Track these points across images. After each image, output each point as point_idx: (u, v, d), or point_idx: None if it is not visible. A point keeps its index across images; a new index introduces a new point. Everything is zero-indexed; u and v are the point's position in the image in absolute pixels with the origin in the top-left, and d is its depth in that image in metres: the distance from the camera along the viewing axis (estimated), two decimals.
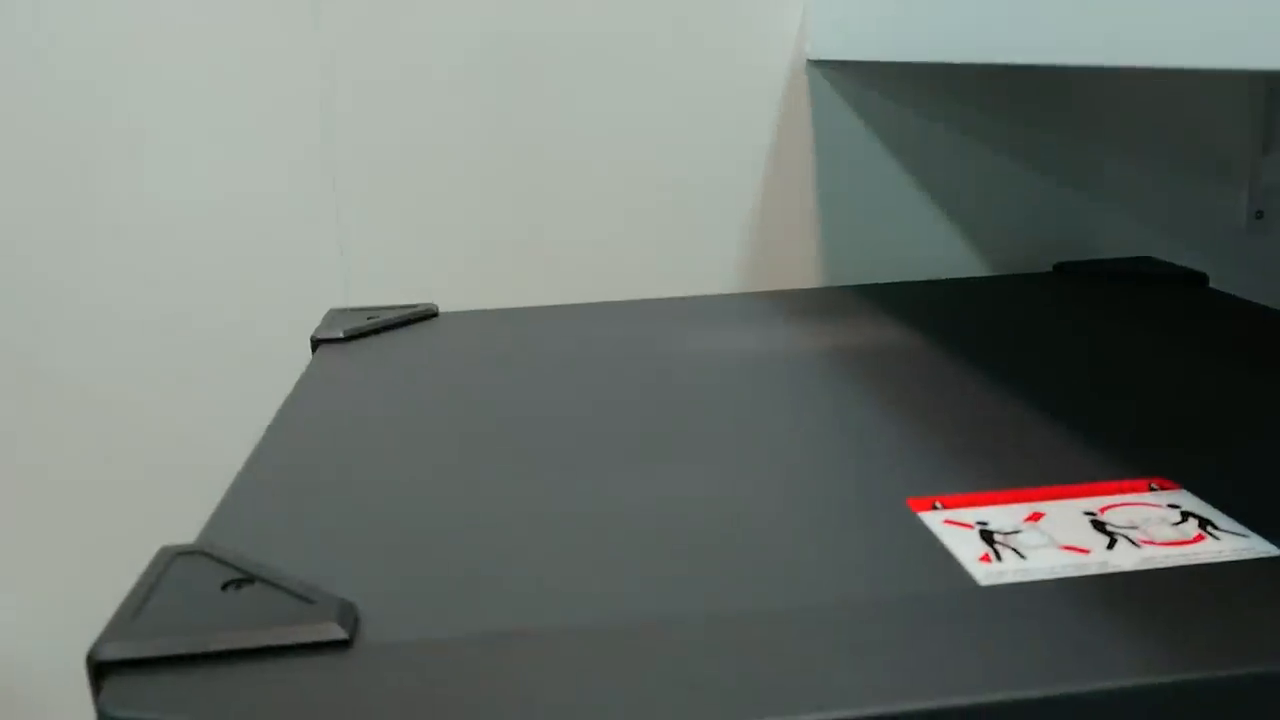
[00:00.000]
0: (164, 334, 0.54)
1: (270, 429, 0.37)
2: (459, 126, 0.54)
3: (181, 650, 0.23)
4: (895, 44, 0.44)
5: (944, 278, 0.58)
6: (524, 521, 0.29)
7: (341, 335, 0.48)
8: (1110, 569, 0.25)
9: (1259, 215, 0.62)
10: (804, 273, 0.59)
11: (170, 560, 0.26)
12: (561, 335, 0.48)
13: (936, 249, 0.59)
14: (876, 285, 0.55)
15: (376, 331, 0.49)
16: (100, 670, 0.22)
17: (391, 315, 0.51)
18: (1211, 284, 0.54)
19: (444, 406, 0.39)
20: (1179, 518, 0.27)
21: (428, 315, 0.52)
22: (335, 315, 0.51)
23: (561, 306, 0.53)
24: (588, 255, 0.57)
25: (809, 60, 0.56)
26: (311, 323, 0.55)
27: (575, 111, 0.55)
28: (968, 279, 0.57)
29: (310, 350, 0.50)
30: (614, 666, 0.22)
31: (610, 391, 0.40)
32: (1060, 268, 0.57)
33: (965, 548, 0.26)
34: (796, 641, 0.23)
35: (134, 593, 0.25)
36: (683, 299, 0.54)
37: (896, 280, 0.58)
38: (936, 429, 0.34)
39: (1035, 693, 0.21)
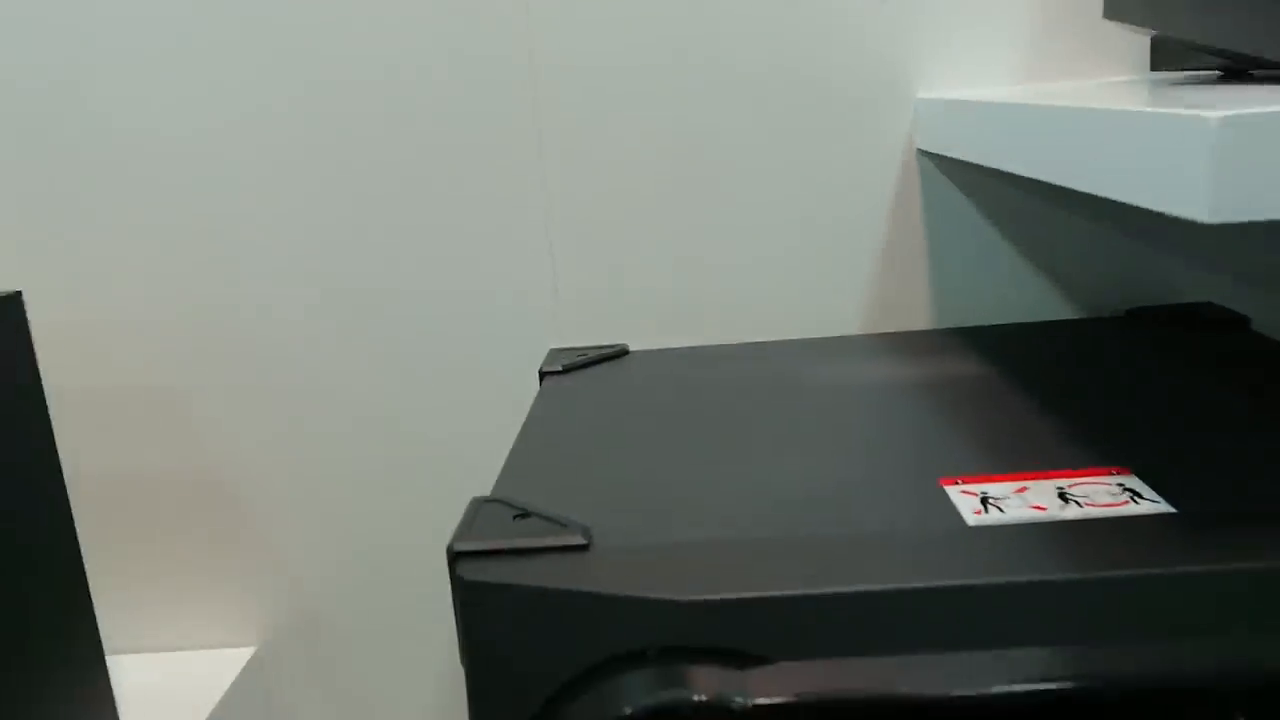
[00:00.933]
0: (419, 370, 0.74)
1: (526, 426, 0.55)
2: (648, 198, 0.72)
3: (498, 547, 0.40)
4: (977, 152, 0.58)
5: (1032, 320, 0.71)
6: (709, 484, 0.45)
7: (560, 369, 0.66)
8: (1058, 519, 0.39)
9: None
10: (916, 317, 0.73)
11: (480, 504, 0.44)
12: (726, 366, 0.64)
13: (1028, 296, 0.72)
14: (975, 327, 0.69)
15: (586, 366, 0.67)
16: (456, 557, 0.40)
17: (595, 353, 0.69)
18: (1266, 325, 0.65)
19: (648, 418, 0.56)
20: (1119, 491, 0.41)
21: (622, 353, 0.69)
22: (554, 354, 0.70)
23: (724, 346, 0.69)
24: (737, 304, 0.73)
25: (918, 149, 0.71)
26: (521, 357, 0.74)
27: (733, 188, 0.72)
28: (1051, 321, 0.70)
29: (538, 380, 0.68)
30: (765, 563, 0.38)
31: (764, 406, 0.56)
32: (1131, 312, 0.69)
33: (967, 506, 0.41)
34: (856, 551, 0.38)
35: (466, 518, 0.42)
36: (815, 339, 0.69)
37: (992, 322, 0.71)
38: (980, 434, 0.49)
39: (996, 580, 0.36)
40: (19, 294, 0.63)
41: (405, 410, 0.75)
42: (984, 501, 0.41)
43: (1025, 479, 0.43)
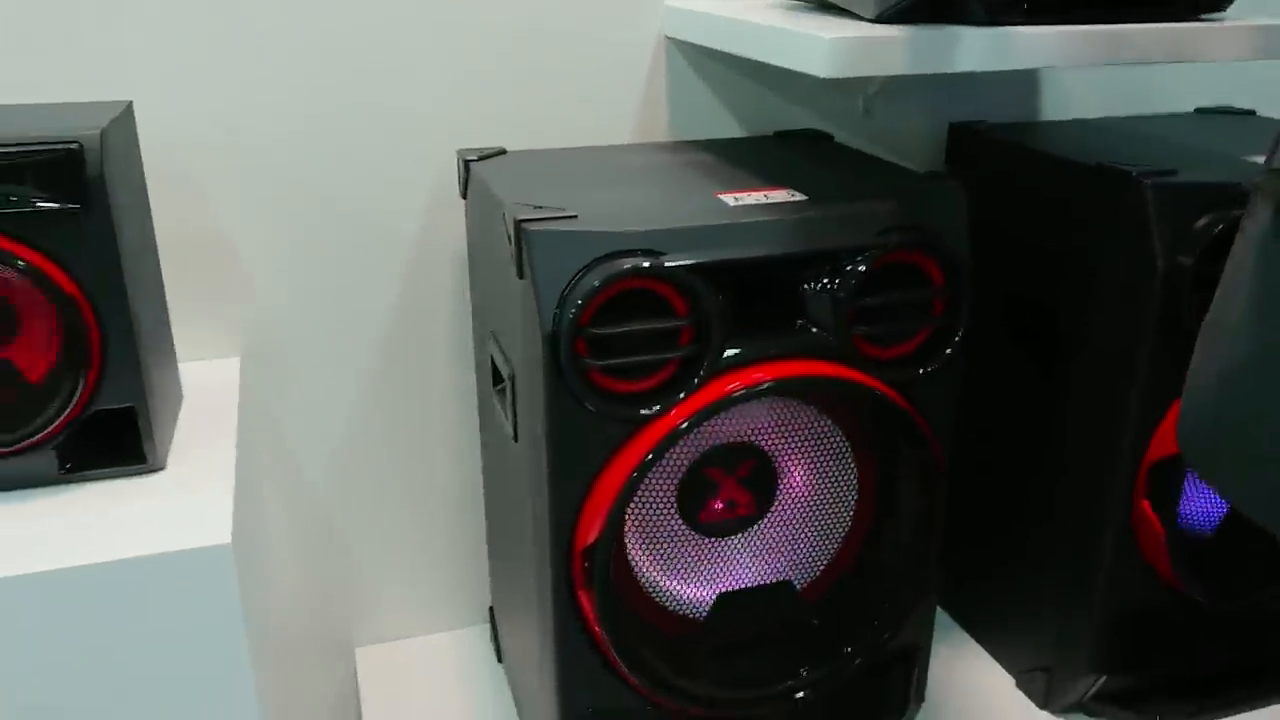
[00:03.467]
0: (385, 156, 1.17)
1: (487, 181, 1.02)
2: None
3: (537, 217, 0.88)
4: (702, 38, 1.11)
5: (730, 137, 1.27)
6: (611, 198, 0.96)
7: (478, 158, 1.12)
8: (764, 202, 0.94)
9: (867, 111, 1.34)
10: (660, 133, 1.26)
11: (510, 204, 0.92)
12: (576, 157, 1.13)
13: (727, 122, 1.28)
14: (698, 140, 1.24)
15: (490, 157, 1.14)
16: (519, 224, 0.88)
17: (490, 150, 1.15)
18: (841, 140, 1.26)
19: (549, 175, 1.04)
20: (786, 194, 0.97)
21: (503, 151, 1.17)
22: (462, 152, 1.15)
23: (565, 148, 1.19)
24: (566, 126, 1.22)
25: (666, 36, 1.23)
26: (423, 158, 1.19)
27: (560, 63, 1.20)
28: (741, 137, 1.26)
29: (464, 168, 1.13)
30: (660, 217, 0.90)
31: (614, 170, 1.06)
32: (777, 133, 1.27)
33: (729, 200, 0.95)
34: (692, 211, 0.91)
35: (509, 210, 0.90)
36: (615, 145, 1.20)
37: (708, 138, 1.26)
38: (724, 177, 1.03)
39: (743, 220, 0.90)
40: (130, 104, 0.99)
41: (357, 192, 1.17)
42: (734, 198, 0.96)
43: (748, 192, 0.98)
